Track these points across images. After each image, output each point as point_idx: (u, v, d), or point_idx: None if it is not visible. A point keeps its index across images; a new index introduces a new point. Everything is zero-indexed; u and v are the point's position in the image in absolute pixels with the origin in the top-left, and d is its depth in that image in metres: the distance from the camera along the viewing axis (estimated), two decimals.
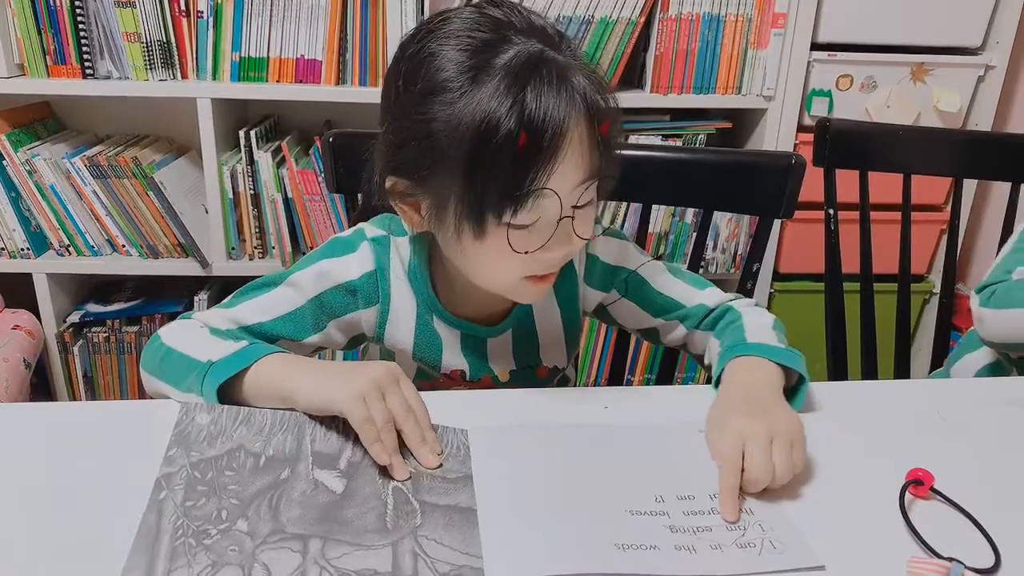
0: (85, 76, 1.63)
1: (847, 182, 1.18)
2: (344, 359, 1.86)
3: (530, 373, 0.88)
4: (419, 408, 0.67)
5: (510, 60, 0.65)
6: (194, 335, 0.76)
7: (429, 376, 0.87)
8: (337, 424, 0.67)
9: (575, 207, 0.70)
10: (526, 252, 0.69)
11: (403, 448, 0.65)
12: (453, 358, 0.85)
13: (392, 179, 0.73)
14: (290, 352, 0.78)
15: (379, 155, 0.74)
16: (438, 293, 0.83)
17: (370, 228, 0.83)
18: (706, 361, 0.87)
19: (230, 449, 0.64)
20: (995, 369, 1.08)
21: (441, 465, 0.65)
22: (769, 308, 1.89)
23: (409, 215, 0.75)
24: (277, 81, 1.67)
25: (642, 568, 0.54)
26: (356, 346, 0.88)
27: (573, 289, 0.87)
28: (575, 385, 1.04)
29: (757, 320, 0.83)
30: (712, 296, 0.88)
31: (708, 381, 0.80)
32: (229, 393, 0.69)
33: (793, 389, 0.76)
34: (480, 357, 0.86)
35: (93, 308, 1.86)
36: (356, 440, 0.65)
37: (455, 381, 0.86)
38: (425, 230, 0.76)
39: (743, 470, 0.63)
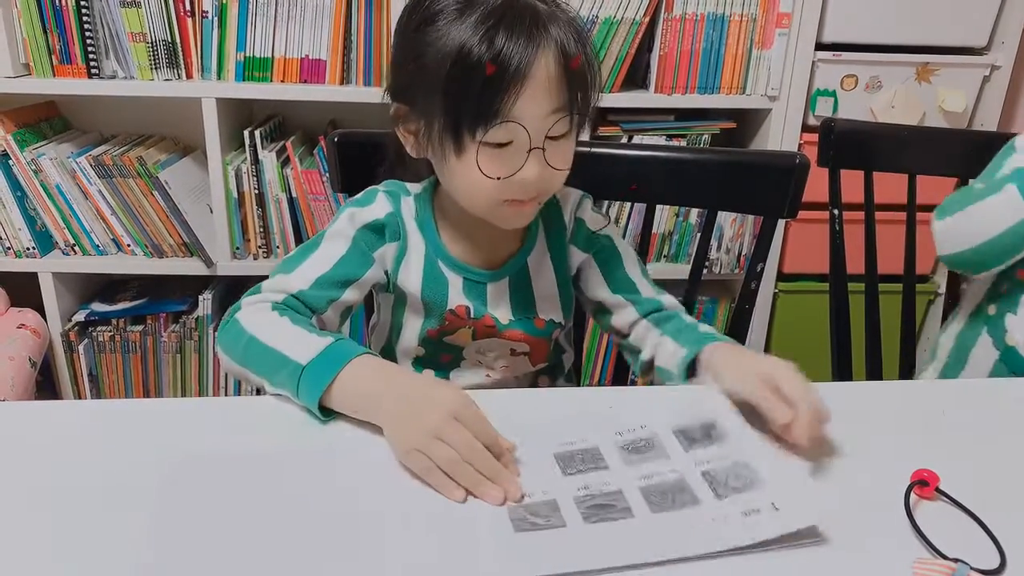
0: (90, 76, 1.63)
1: (852, 182, 1.18)
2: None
3: (528, 323, 0.92)
4: (488, 438, 0.65)
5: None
6: (273, 320, 0.79)
7: (438, 317, 0.90)
8: None
9: (548, 138, 0.76)
10: (498, 178, 0.76)
11: None
12: (457, 297, 0.89)
13: (395, 105, 0.82)
14: (358, 293, 0.86)
15: (388, 82, 0.83)
16: (444, 242, 0.89)
17: (380, 187, 0.91)
18: (644, 356, 0.91)
19: None
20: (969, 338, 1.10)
21: (523, 497, 0.62)
22: (773, 308, 1.89)
23: (408, 139, 0.83)
24: (282, 81, 1.67)
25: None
26: (386, 286, 0.90)
27: (563, 247, 0.93)
28: (576, 372, 1.06)
29: (710, 328, 0.89)
30: (667, 299, 0.95)
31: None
32: (323, 399, 0.71)
33: None
34: (481, 302, 0.90)
35: (98, 307, 1.87)
36: None
37: (461, 319, 0.89)
38: (421, 154, 0.83)
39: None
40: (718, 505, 0.60)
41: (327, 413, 0.71)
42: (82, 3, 1.58)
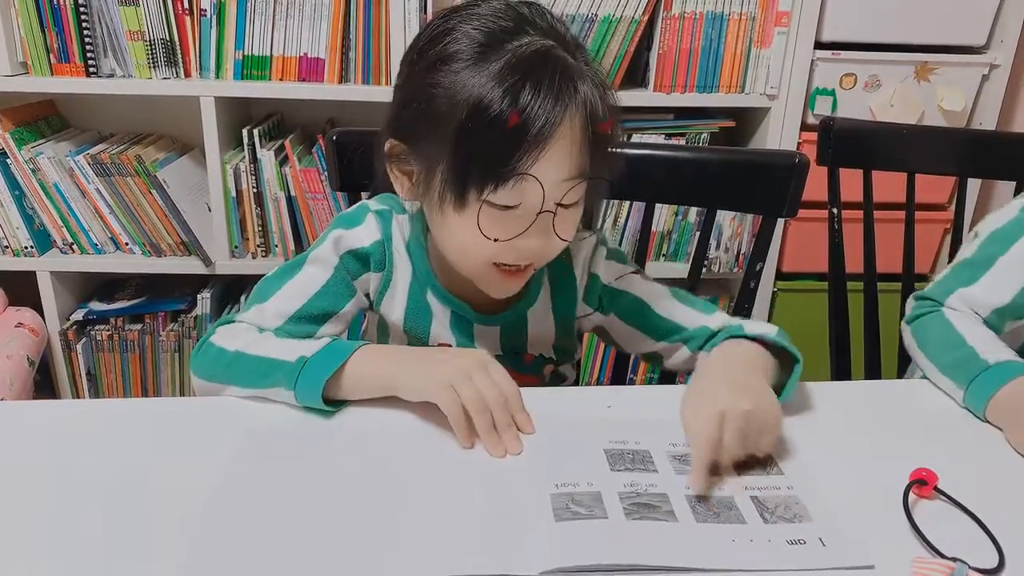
0: (89, 74, 1.63)
1: (851, 181, 1.17)
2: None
3: (516, 359, 0.89)
4: (510, 391, 0.69)
5: (520, 47, 0.68)
6: (258, 338, 0.77)
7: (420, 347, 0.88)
8: None
9: (559, 204, 0.71)
10: (495, 240, 0.71)
11: None
12: (442, 331, 0.87)
13: (391, 142, 0.76)
14: (338, 326, 0.83)
15: (385, 117, 0.77)
16: (436, 271, 0.85)
17: (373, 203, 0.87)
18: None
19: None
20: None
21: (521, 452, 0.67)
22: (772, 307, 1.89)
23: (401, 181, 0.78)
24: (280, 79, 1.67)
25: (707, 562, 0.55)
26: (369, 307, 0.89)
27: (572, 304, 0.88)
28: (577, 382, 1.04)
29: (758, 324, 0.83)
30: (717, 319, 0.86)
31: None
32: (325, 390, 0.70)
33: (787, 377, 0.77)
34: (467, 337, 0.87)
35: (96, 306, 1.86)
36: None
37: None
38: (414, 199, 0.78)
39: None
40: (764, 528, 0.59)
41: (328, 406, 0.71)
42: (80, 1, 1.58)
